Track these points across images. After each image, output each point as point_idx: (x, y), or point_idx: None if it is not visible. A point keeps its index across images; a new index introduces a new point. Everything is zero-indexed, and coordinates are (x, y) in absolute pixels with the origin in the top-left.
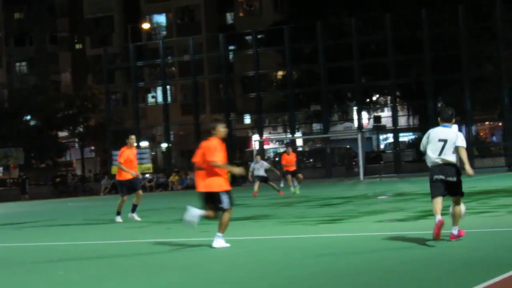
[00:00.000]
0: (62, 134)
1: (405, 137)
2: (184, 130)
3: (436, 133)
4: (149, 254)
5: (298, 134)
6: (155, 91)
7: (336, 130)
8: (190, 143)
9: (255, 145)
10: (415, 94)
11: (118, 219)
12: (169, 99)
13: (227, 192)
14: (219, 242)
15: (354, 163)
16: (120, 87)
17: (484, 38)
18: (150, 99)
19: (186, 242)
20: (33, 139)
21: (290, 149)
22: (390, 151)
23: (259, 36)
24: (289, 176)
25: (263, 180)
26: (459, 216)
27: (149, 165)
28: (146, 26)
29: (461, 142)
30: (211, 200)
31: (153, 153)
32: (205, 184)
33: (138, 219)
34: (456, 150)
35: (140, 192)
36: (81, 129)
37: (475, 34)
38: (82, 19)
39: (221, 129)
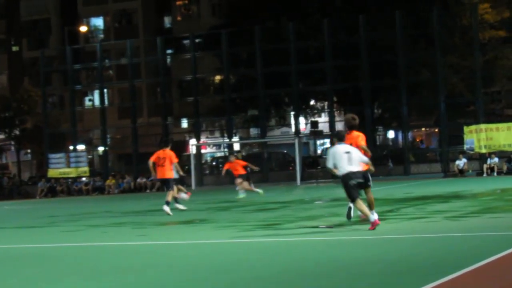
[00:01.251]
0: None
1: None
2: (121, 134)
3: (339, 149)
4: (84, 257)
5: (235, 138)
6: (92, 94)
7: (274, 135)
8: (127, 146)
9: (192, 149)
10: (352, 99)
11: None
12: (106, 102)
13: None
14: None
15: (291, 167)
16: (57, 90)
17: (421, 44)
18: (87, 102)
19: (121, 246)
20: None
21: (233, 158)
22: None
23: (197, 40)
24: (239, 180)
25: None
26: (373, 201)
27: (86, 169)
28: (83, 29)
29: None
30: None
31: (89, 157)
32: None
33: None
34: (358, 159)
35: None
36: (17, 132)
37: (412, 40)
38: (18, 21)
39: None
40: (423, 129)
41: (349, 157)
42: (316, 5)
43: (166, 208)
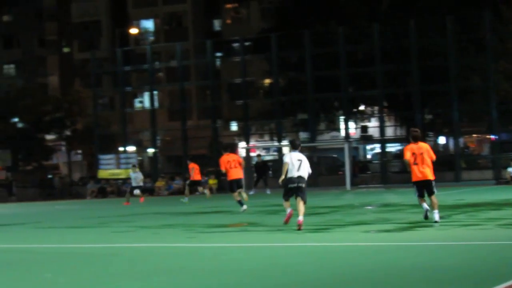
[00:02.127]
0: (49, 137)
1: (392, 148)
2: (170, 136)
3: (293, 156)
4: (135, 258)
5: (284, 142)
6: (142, 96)
7: (323, 139)
8: (177, 148)
9: (242, 153)
10: (402, 104)
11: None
12: (156, 104)
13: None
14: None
15: (341, 172)
16: (107, 91)
17: (472, 49)
18: (137, 104)
19: (171, 247)
20: (20, 142)
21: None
22: (377, 161)
23: (246, 44)
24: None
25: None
26: (303, 209)
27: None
28: (133, 31)
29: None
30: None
31: (139, 158)
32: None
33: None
34: (307, 168)
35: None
36: (68, 133)
37: (463, 45)
38: (70, 23)
39: None
40: (474, 135)
41: (300, 164)
42: (364, 9)
43: (244, 207)
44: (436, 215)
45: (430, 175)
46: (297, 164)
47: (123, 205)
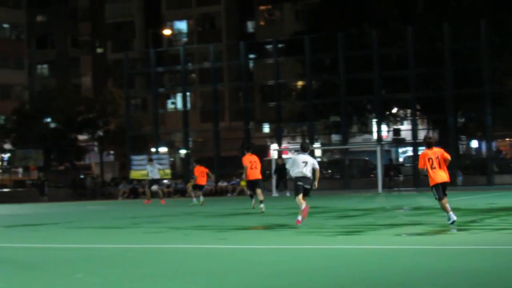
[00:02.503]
0: (82, 137)
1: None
2: (202, 137)
3: (299, 158)
4: (165, 259)
5: (317, 144)
6: (175, 97)
7: (355, 142)
8: (209, 150)
9: (274, 154)
10: (435, 108)
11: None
12: (188, 105)
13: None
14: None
15: (372, 175)
16: (140, 92)
17: (506, 53)
18: (170, 105)
19: (202, 249)
20: (53, 142)
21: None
22: (409, 164)
23: (279, 45)
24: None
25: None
26: (306, 211)
27: (168, 171)
28: (167, 32)
29: (317, 165)
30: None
31: (171, 159)
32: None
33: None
34: (313, 169)
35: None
36: (100, 133)
37: (497, 48)
38: (103, 23)
39: None
40: (507, 139)
41: (305, 166)
42: (398, 12)
43: (262, 205)
44: (453, 217)
45: (447, 177)
46: (302, 166)
47: (143, 203)
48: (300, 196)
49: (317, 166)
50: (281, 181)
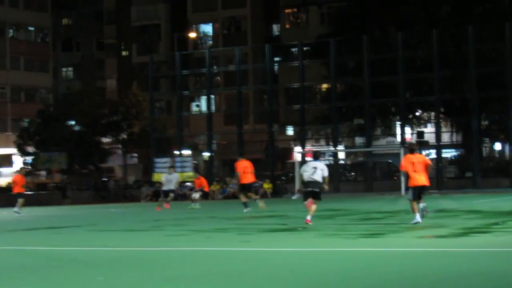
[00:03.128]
0: (106, 140)
1: (447, 154)
2: (226, 140)
3: (310, 164)
4: (188, 262)
5: (340, 147)
6: (199, 100)
7: (379, 144)
8: (232, 152)
9: (297, 157)
10: (459, 110)
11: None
12: (213, 108)
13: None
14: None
15: (396, 177)
16: (164, 95)
17: None
18: (194, 108)
19: (225, 252)
20: (76, 144)
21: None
22: (432, 166)
23: (305, 48)
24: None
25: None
26: (314, 210)
27: (191, 174)
28: (192, 35)
29: (326, 172)
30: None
31: (195, 162)
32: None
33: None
34: (323, 175)
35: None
36: (124, 136)
37: None
38: (129, 26)
39: None
40: None
41: (314, 171)
42: (423, 15)
43: (249, 209)
44: (422, 206)
45: (425, 181)
46: (312, 171)
47: (156, 210)
48: (307, 200)
49: (326, 174)
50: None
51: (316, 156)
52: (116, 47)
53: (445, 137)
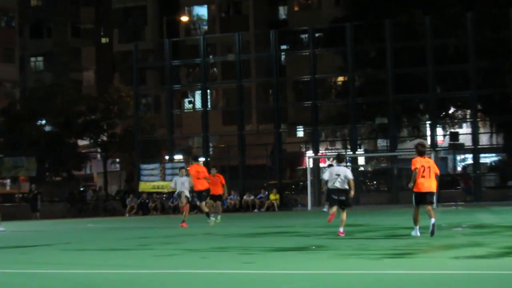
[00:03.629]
0: (82, 142)
1: (486, 159)
2: (225, 142)
3: (333, 171)
4: (180, 287)
5: (360, 151)
6: (193, 96)
7: (405, 148)
8: (232, 157)
9: (309, 163)
10: (499, 107)
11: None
12: (209, 105)
13: None
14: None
15: None
16: (152, 89)
17: None
18: (187, 105)
19: (224, 274)
20: (48, 148)
21: (215, 171)
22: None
23: (316, 35)
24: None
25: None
26: (345, 220)
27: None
28: (184, 19)
29: (350, 175)
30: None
31: (188, 169)
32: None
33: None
34: (348, 180)
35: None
36: (104, 138)
37: None
38: (109, 9)
39: None
40: None
41: (337, 178)
42: None
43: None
44: (433, 220)
45: (434, 188)
46: (335, 178)
47: (180, 226)
48: (334, 209)
49: (350, 176)
50: None
51: (340, 160)
52: (94, 33)
53: (484, 139)
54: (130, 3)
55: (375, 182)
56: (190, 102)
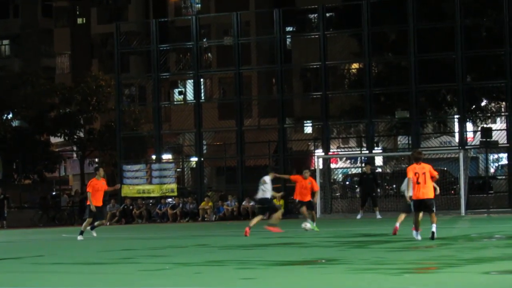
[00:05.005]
0: (56, 140)
1: None
2: (221, 139)
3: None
4: None
5: (377, 149)
6: (184, 85)
7: (430, 146)
8: (230, 157)
9: (318, 163)
10: None
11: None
12: (202, 96)
13: None
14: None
15: (453, 191)
16: (136, 78)
17: None
18: (177, 96)
19: None
20: (15, 146)
21: (308, 173)
22: (503, 177)
23: (327, 15)
24: (304, 208)
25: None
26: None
27: (173, 186)
28: None
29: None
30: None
31: (178, 170)
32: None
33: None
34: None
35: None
36: (81, 134)
37: None
38: None
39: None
40: None
41: (424, 177)
42: None
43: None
44: (434, 228)
45: (431, 194)
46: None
47: (245, 235)
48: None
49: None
50: (368, 198)
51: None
52: (69, 12)
53: None
54: None
55: (394, 186)
56: (180, 93)
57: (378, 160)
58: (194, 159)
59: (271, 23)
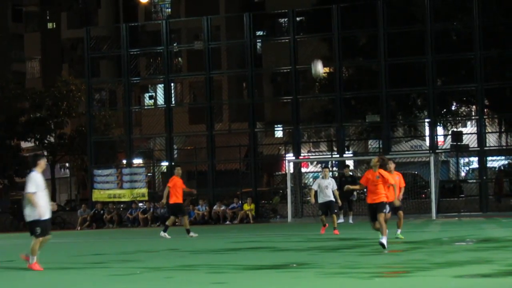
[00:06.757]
0: (26, 145)
1: (494, 163)
2: (192, 144)
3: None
4: None
5: (348, 153)
6: (154, 90)
7: (400, 150)
8: (201, 161)
9: (289, 167)
10: (510, 103)
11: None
12: (173, 101)
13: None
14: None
15: (424, 195)
16: (106, 83)
17: None
18: (147, 101)
19: None
20: None
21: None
22: (474, 180)
23: (298, 19)
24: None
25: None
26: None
27: (144, 191)
28: (144, 0)
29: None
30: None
31: (149, 174)
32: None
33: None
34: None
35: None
36: (52, 139)
37: None
38: None
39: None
40: None
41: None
42: None
43: None
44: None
45: (382, 199)
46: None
47: (320, 233)
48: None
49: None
50: (347, 201)
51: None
52: (39, 17)
53: (491, 140)
54: None
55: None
56: (151, 97)
57: (350, 163)
58: (165, 164)
59: (242, 27)
